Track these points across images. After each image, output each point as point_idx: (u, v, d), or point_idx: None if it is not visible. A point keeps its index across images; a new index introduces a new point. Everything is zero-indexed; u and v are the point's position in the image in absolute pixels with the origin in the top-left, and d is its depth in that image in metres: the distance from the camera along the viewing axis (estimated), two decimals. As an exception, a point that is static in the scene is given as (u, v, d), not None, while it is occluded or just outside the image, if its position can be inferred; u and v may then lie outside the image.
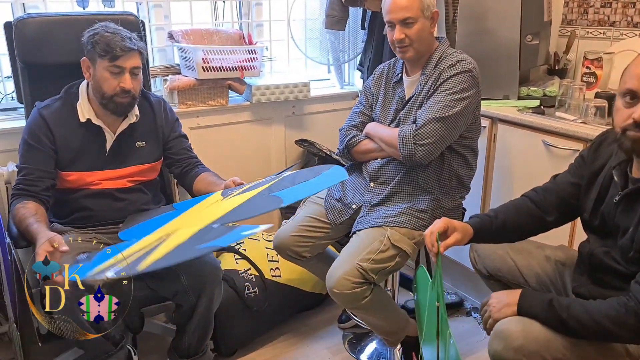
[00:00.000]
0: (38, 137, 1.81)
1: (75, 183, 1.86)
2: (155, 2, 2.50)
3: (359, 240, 1.84)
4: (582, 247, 1.52)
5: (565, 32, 2.63)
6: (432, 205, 1.89)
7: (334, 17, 2.70)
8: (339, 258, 1.82)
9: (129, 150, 1.92)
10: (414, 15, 1.82)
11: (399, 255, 1.82)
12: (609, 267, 1.40)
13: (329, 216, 2.00)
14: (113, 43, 1.73)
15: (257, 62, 2.55)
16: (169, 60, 2.61)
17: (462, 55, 1.88)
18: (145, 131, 1.95)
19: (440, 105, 1.79)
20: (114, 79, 1.77)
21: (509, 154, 2.24)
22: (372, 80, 2.08)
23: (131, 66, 1.77)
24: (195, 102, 2.54)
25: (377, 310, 1.88)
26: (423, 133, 1.78)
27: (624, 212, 1.35)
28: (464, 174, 1.96)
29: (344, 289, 1.74)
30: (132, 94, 1.80)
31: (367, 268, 1.75)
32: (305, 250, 1.98)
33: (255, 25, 2.79)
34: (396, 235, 1.82)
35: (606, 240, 1.42)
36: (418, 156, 1.80)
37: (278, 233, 2.04)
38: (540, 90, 2.35)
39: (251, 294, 2.19)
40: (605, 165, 1.44)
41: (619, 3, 2.43)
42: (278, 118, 2.80)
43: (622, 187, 1.37)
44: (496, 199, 2.33)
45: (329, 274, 1.79)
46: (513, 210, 1.59)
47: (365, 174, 1.99)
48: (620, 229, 1.36)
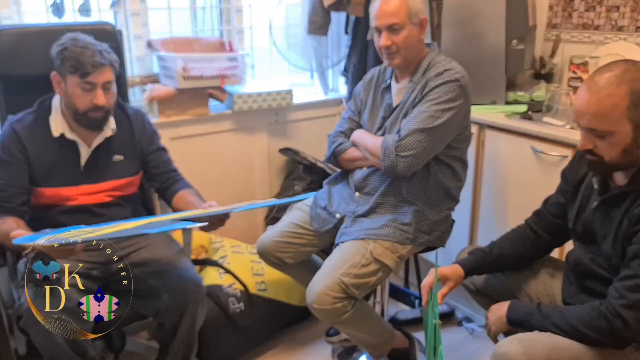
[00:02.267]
0: (11, 152, 1.75)
1: (51, 199, 1.80)
2: (133, 11, 2.44)
3: (341, 253, 1.79)
4: (569, 256, 1.53)
5: (550, 36, 2.62)
6: (416, 217, 1.84)
7: (317, 23, 2.66)
8: (320, 271, 1.78)
9: (106, 164, 1.85)
10: (401, 22, 1.77)
11: (382, 269, 1.77)
12: (596, 274, 1.40)
13: (313, 224, 1.96)
14: (83, 59, 1.67)
15: (238, 70, 2.50)
16: (148, 69, 2.55)
17: (450, 64, 1.83)
18: (122, 145, 1.88)
19: (424, 115, 1.74)
20: (86, 95, 1.71)
21: (498, 161, 2.21)
22: (362, 85, 2.04)
23: (103, 81, 1.71)
24: (176, 111, 2.47)
25: (359, 324, 1.83)
26: (406, 144, 1.73)
27: (601, 218, 1.37)
28: (451, 185, 1.90)
29: (324, 304, 1.70)
30: (105, 108, 1.75)
31: (348, 283, 1.70)
32: (287, 256, 1.96)
33: (236, 32, 2.74)
34: (379, 249, 1.76)
35: (591, 247, 1.42)
36: (400, 168, 1.74)
37: (261, 238, 2.01)
38: (527, 95, 2.33)
39: (236, 309, 2.13)
40: (587, 175, 1.46)
41: (602, 7, 2.42)
42: (261, 126, 2.75)
43: (600, 194, 1.38)
44: (486, 207, 2.30)
45: (309, 288, 1.75)
46: (509, 241, 1.62)
47: (351, 183, 1.95)
48: (599, 235, 1.38)
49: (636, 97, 1.21)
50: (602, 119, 1.23)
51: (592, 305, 1.29)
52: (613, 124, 1.22)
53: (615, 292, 1.26)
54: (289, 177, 2.81)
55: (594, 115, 1.23)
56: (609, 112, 1.22)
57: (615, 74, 1.22)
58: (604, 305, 1.27)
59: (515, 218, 2.12)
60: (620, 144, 1.24)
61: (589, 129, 1.26)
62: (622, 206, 1.30)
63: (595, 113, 1.23)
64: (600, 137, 1.25)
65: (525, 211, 1.71)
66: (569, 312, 1.33)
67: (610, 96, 1.21)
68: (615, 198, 1.33)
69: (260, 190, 2.83)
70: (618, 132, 1.23)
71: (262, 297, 2.21)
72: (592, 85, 1.24)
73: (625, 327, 1.23)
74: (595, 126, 1.24)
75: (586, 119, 1.25)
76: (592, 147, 1.27)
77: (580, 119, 1.27)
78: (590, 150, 1.28)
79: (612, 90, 1.21)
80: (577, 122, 1.29)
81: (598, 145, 1.26)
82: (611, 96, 1.21)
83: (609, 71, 1.24)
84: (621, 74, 1.22)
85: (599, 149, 1.27)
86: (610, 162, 1.28)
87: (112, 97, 1.78)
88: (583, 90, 1.27)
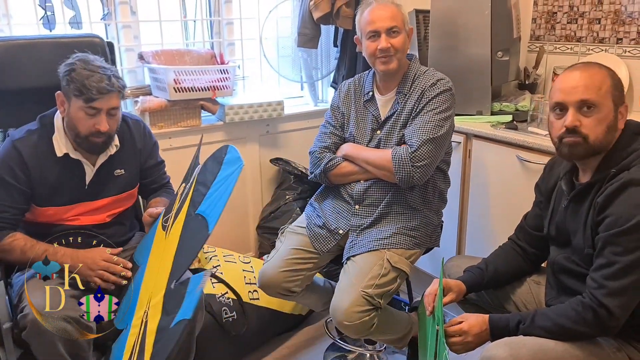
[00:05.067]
0: (13, 171, 1.70)
1: (52, 217, 1.78)
2: (125, 23, 2.46)
3: (357, 266, 1.78)
4: (549, 262, 1.58)
5: (534, 48, 2.68)
6: (422, 222, 1.89)
7: (307, 35, 2.70)
8: (340, 289, 1.75)
9: (108, 180, 1.83)
10: (399, 26, 1.82)
11: (399, 276, 1.80)
12: (571, 271, 1.44)
13: (315, 245, 1.92)
14: (89, 83, 1.62)
15: (229, 82, 2.52)
16: (140, 81, 2.57)
17: (438, 74, 1.88)
18: (124, 157, 1.86)
19: (430, 125, 1.78)
20: (89, 120, 1.67)
21: (485, 169, 2.26)
22: (340, 99, 2.02)
23: (108, 107, 1.67)
24: (167, 123, 2.50)
25: (386, 328, 1.85)
26: (420, 155, 1.76)
27: (571, 215, 1.43)
28: (444, 188, 1.97)
29: (354, 320, 1.69)
30: (106, 133, 1.71)
31: (372, 294, 1.71)
32: (296, 285, 1.88)
33: (227, 44, 2.77)
34: (395, 257, 1.80)
35: (565, 248, 1.48)
36: (416, 177, 1.78)
37: (264, 270, 1.89)
38: (512, 105, 2.38)
39: (229, 318, 2.14)
40: (557, 182, 1.52)
41: (584, 19, 2.48)
42: (252, 137, 2.78)
43: (568, 193, 1.44)
44: (473, 213, 2.34)
45: (335, 307, 1.72)
46: (502, 256, 1.66)
47: (348, 197, 1.94)
48: (571, 232, 1.43)
49: (614, 80, 1.35)
50: (595, 89, 1.32)
51: (575, 300, 1.33)
52: (603, 96, 1.32)
53: (594, 283, 1.30)
54: (280, 187, 2.84)
55: (586, 86, 1.33)
56: (599, 84, 1.33)
57: (594, 63, 1.37)
58: (586, 297, 1.31)
59: (502, 225, 2.18)
60: (605, 120, 1.33)
61: (582, 101, 1.33)
62: (587, 199, 1.37)
63: (587, 85, 1.33)
64: (588, 111, 1.33)
65: (511, 218, 1.76)
66: (554, 312, 1.36)
67: (597, 73, 1.35)
68: (582, 193, 1.40)
69: (252, 200, 2.85)
70: (605, 107, 1.33)
71: (255, 306, 2.23)
72: (580, 66, 1.37)
73: (610, 315, 1.27)
74: (588, 96, 1.32)
75: (579, 91, 1.33)
76: (579, 124, 1.34)
77: (572, 94, 1.34)
78: (576, 128, 1.34)
79: (596, 70, 1.35)
80: (564, 99, 1.35)
81: (585, 122, 1.34)
82: (598, 74, 1.35)
83: (586, 62, 1.39)
84: (598, 63, 1.38)
85: (585, 127, 1.34)
86: (595, 141, 1.34)
87: (116, 122, 1.74)
88: (567, 73, 1.38)
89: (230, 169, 1.54)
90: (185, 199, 1.64)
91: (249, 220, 2.87)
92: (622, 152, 1.34)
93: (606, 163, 1.35)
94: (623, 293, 1.27)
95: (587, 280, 1.33)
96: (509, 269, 1.65)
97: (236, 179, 1.48)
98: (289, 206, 2.72)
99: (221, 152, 1.65)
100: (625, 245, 1.26)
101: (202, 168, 1.67)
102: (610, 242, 1.28)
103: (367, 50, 1.86)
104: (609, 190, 1.30)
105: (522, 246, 1.66)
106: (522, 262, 1.66)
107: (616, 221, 1.27)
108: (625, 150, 1.34)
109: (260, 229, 2.86)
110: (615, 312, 1.27)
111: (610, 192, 1.29)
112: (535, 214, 1.63)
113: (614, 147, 1.36)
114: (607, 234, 1.28)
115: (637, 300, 1.29)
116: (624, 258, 1.26)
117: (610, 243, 1.28)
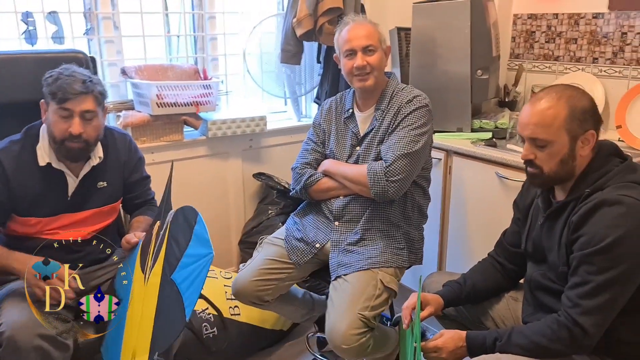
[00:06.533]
0: None
1: (35, 228, 1.76)
2: (107, 38, 2.47)
3: (350, 287, 1.78)
4: (525, 278, 1.60)
5: (513, 66, 2.73)
6: (405, 239, 1.91)
7: (290, 52, 2.72)
8: (335, 311, 1.75)
9: (91, 193, 1.82)
10: (375, 44, 1.86)
11: (391, 296, 1.82)
12: (547, 287, 1.46)
13: (292, 257, 1.93)
14: (62, 84, 1.64)
15: (212, 97, 2.53)
16: (122, 96, 2.57)
17: (415, 91, 1.92)
18: (107, 169, 1.85)
19: (405, 140, 1.81)
20: (63, 123, 1.66)
21: (464, 186, 2.28)
22: (321, 116, 2.06)
23: (81, 110, 1.66)
24: (150, 137, 2.50)
25: (380, 347, 1.85)
26: (394, 169, 1.79)
27: (547, 233, 1.46)
28: (423, 204, 1.99)
29: (352, 343, 1.68)
30: (83, 139, 1.69)
31: (368, 316, 1.71)
32: (267, 294, 1.90)
33: (210, 60, 2.78)
34: (387, 277, 1.81)
35: (541, 265, 1.50)
36: (390, 192, 1.80)
37: (237, 279, 1.92)
38: (492, 123, 2.41)
39: (210, 334, 2.14)
40: (535, 199, 1.56)
41: (562, 39, 2.54)
42: (235, 152, 2.78)
43: (544, 211, 1.47)
44: (454, 229, 2.36)
45: (331, 331, 1.71)
46: (480, 272, 1.69)
47: (327, 213, 1.96)
48: (546, 249, 1.46)
49: (573, 111, 1.34)
50: (544, 127, 1.35)
51: (551, 318, 1.35)
52: (553, 134, 1.35)
53: (569, 301, 1.32)
54: (263, 201, 2.85)
55: (536, 124, 1.36)
56: (550, 122, 1.35)
57: (556, 91, 1.37)
58: (562, 316, 1.33)
59: (482, 241, 2.20)
60: (558, 154, 1.36)
61: (532, 139, 1.38)
62: (562, 217, 1.40)
63: (537, 123, 1.36)
64: (540, 148, 1.37)
65: (491, 234, 1.78)
66: (530, 330, 1.38)
67: (551, 108, 1.35)
68: (557, 211, 1.43)
69: (234, 215, 2.85)
70: (557, 142, 1.35)
71: (236, 321, 2.22)
72: (535, 101, 1.38)
73: (584, 334, 1.29)
74: (538, 135, 1.36)
75: (530, 128, 1.37)
76: (533, 157, 1.39)
77: (524, 130, 1.39)
78: (532, 161, 1.40)
79: (553, 103, 1.35)
80: (521, 133, 1.41)
81: (538, 156, 1.38)
82: (552, 108, 1.35)
83: (550, 90, 1.39)
84: (561, 92, 1.37)
85: (539, 160, 1.38)
86: (549, 173, 1.38)
87: (94, 129, 1.72)
88: (527, 105, 1.41)
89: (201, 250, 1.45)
90: (160, 247, 1.59)
91: (231, 235, 2.87)
92: (595, 173, 1.37)
93: (581, 183, 1.38)
94: (597, 312, 1.29)
95: (562, 299, 1.35)
96: (487, 285, 1.67)
97: (205, 276, 1.41)
98: (271, 221, 2.73)
99: (190, 214, 1.56)
100: (599, 265, 1.28)
101: (174, 219, 1.61)
102: (584, 261, 1.30)
103: (345, 68, 1.90)
104: (583, 210, 1.32)
105: (501, 262, 1.68)
106: (501, 278, 1.68)
107: (590, 241, 1.29)
108: (598, 171, 1.37)
109: (242, 243, 2.85)
110: (589, 330, 1.29)
111: (584, 212, 1.31)
112: (513, 231, 1.65)
113: (588, 168, 1.38)
114: (581, 253, 1.31)
115: (611, 319, 1.31)
116: (598, 277, 1.28)
117: (584, 262, 1.30)
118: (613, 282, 1.27)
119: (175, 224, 1.59)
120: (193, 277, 1.42)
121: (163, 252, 1.55)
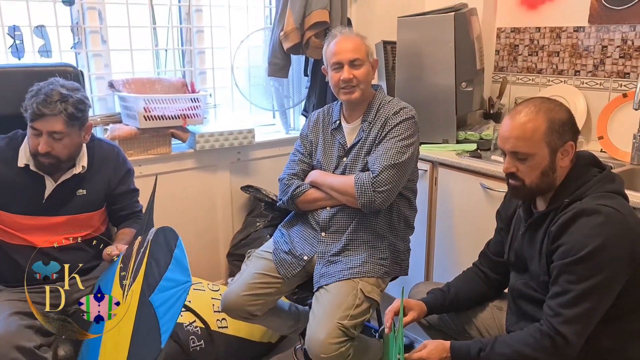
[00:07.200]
0: None
1: (9, 225, 1.78)
2: (95, 52, 2.48)
3: (330, 296, 1.79)
4: (508, 287, 1.62)
5: (497, 78, 2.77)
6: (390, 250, 1.92)
7: (277, 65, 2.74)
8: (314, 320, 1.76)
9: (68, 198, 1.84)
10: (362, 58, 1.88)
11: (372, 306, 1.83)
12: (529, 296, 1.48)
13: (280, 270, 1.93)
14: (31, 103, 1.67)
15: (200, 110, 2.54)
16: (110, 109, 2.57)
17: (401, 103, 1.95)
18: (89, 179, 1.87)
19: (392, 152, 1.84)
20: (35, 139, 1.71)
21: (450, 196, 2.31)
22: (308, 127, 2.09)
23: (48, 130, 1.69)
24: (137, 151, 2.50)
25: (361, 356, 1.85)
26: (381, 180, 1.81)
27: (528, 242, 1.48)
28: (409, 215, 2.01)
29: (330, 352, 1.69)
30: (52, 155, 1.72)
31: (348, 325, 1.72)
32: (257, 309, 1.91)
33: (198, 73, 2.80)
34: (367, 287, 1.82)
35: (523, 274, 1.52)
36: (377, 202, 1.82)
37: (226, 294, 1.92)
38: (476, 135, 2.44)
39: (197, 347, 2.12)
40: (517, 209, 1.58)
41: (544, 52, 2.59)
42: (223, 165, 2.79)
43: (526, 220, 1.50)
44: (440, 239, 2.38)
45: (311, 340, 1.72)
46: (463, 280, 1.71)
47: (314, 224, 1.97)
48: (528, 258, 1.48)
49: (552, 123, 1.37)
50: (524, 141, 1.37)
51: (533, 327, 1.37)
52: (533, 147, 1.37)
53: (551, 311, 1.34)
54: (251, 214, 2.85)
55: (517, 138, 1.38)
56: (530, 135, 1.37)
57: (534, 104, 1.40)
58: (544, 325, 1.35)
59: (467, 250, 2.22)
60: (539, 167, 1.39)
61: (512, 152, 1.40)
62: (543, 227, 1.43)
63: (518, 136, 1.38)
64: (522, 160, 1.40)
65: (476, 244, 1.80)
66: (513, 339, 1.39)
67: (531, 121, 1.37)
68: (538, 221, 1.45)
69: (222, 227, 2.85)
70: (537, 155, 1.38)
71: (223, 334, 2.22)
72: (515, 114, 1.41)
73: (566, 343, 1.31)
74: (518, 149, 1.39)
75: (510, 142, 1.39)
76: (515, 170, 1.41)
77: (505, 143, 1.41)
78: (513, 173, 1.42)
79: (532, 117, 1.37)
80: (501, 147, 1.44)
81: (520, 168, 1.41)
82: (531, 121, 1.37)
83: (528, 103, 1.42)
84: (539, 105, 1.39)
85: (520, 172, 1.41)
86: (531, 185, 1.41)
87: (65, 147, 1.73)
88: (507, 119, 1.43)
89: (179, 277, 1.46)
90: (140, 265, 1.59)
91: (219, 248, 2.86)
92: (574, 184, 1.39)
93: (560, 193, 1.41)
94: (578, 320, 1.31)
95: (544, 308, 1.37)
96: (471, 293, 1.68)
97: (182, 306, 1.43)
98: (259, 233, 2.73)
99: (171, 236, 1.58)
100: (579, 274, 1.30)
101: (155, 238, 1.62)
102: (564, 271, 1.32)
103: (332, 81, 1.93)
104: (562, 219, 1.34)
105: (485, 271, 1.70)
106: (485, 287, 1.69)
107: (569, 250, 1.31)
108: (577, 181, 1.39)
109: (230, 256, 2.85)
110: (571, 339, 1.30)
111: (563, 222, 1.34)
112: (497, 241, 1.68)
113: (567, 179, 1.41)
114: (561, 262, 1.33)
115: (592, 327, 1.33)
116: (578, 286, 1.30)
117: (564, 272, 1.32)
118: (593, 290, 1.29)
119: (156, 243, 1.60)
120: (170, 304, 1.43)
121: (143, 270, 1.55)
